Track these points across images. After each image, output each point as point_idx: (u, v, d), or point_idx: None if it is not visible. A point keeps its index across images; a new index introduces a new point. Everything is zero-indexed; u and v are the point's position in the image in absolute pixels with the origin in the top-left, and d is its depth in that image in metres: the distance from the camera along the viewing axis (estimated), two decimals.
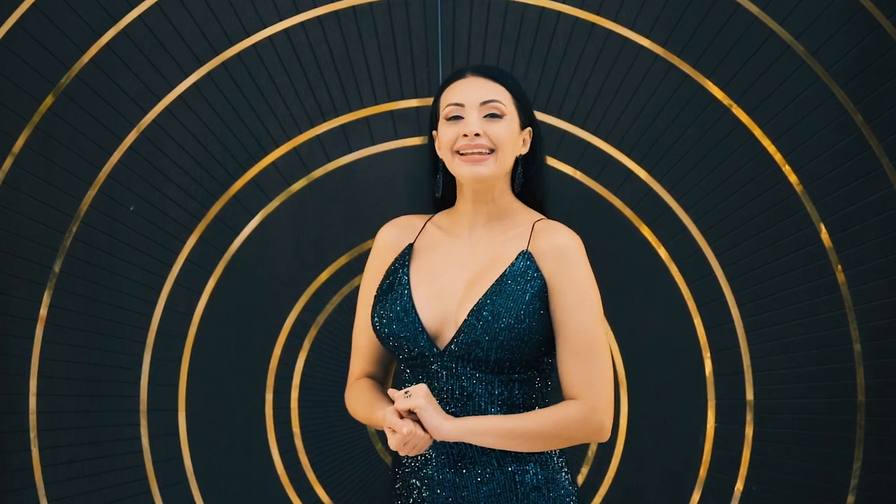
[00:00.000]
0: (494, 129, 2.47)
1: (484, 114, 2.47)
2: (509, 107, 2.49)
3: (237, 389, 3.25)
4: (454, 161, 2.48)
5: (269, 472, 3.27)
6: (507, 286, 2.45)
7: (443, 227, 2.57)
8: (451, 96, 2.50)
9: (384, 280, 2.54)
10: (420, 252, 2.55)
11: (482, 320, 2.43)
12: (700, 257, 3.24)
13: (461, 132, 2.46)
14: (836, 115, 3.20)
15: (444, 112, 2.49)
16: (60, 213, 3.24)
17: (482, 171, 2.47)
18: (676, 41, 3.21)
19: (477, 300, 2.45)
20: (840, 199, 3.21)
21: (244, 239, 3.26)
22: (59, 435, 3.25)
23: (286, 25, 3.23)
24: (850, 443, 3.22)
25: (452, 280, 2.50)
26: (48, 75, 3.22)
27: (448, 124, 2.49)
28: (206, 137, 3.24)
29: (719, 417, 3.24)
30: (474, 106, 2.47)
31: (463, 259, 2.52)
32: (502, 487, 2.45)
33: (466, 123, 2.46)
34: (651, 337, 3.24)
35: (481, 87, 2.49)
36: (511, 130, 2.49)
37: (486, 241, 2.53)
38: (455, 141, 2.47)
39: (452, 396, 2.46)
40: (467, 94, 2.48)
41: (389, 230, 2.60)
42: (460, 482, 2.46)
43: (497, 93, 2.49)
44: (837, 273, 3.22)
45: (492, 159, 2.47)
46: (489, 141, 2.46)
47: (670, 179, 3.24)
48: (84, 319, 3.24)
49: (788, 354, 3.23)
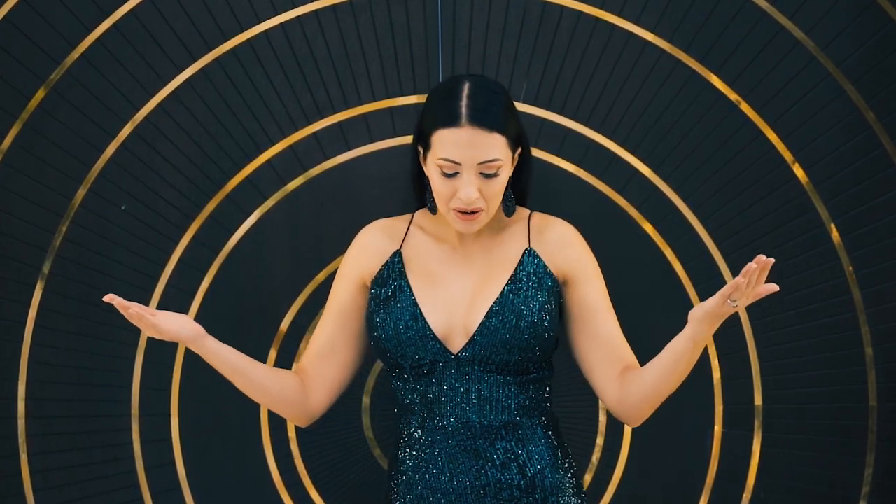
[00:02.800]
0: (489, 188, 2.46)
1: (480, 171, 2.44)
2: (505, 156, 2.47)
3: (231, 393, 3.11)
4: (449, 214, 2.48)
5: (265, 477, 3.26)
6: (521, 284, 2.48)
7: (428, 229, 2.58)
8: (447, 149, 2.45)
9: (379, 288, 2.54)
10: (413, 259, 2.56)
11: (504, 321, 2.45)
12: (707, 258, 3.24)
13: (457, 194, 2.45)
14: (847, 112, 3.19)
15: (438, 162, 2.46)
16: (50, 213, 3.23)
17: (474, 228, 2.49)
18: (683, 36, 3.20)
19: (493, 301, 2.47)
20: (851, 198, 3.21)
21: (239, 239, 3.26)
22: (48, 440, 3.24)
23: (282, 20, 3.22)
24: (861, 449, 3.22)
25: (456, 285, 2.52)
26: (37, 71, 3.21)
27: (443, 178, 2.46)
28: (200, 135, 3.24)
29: (726, 423, 3.24)
30: (471, 166, 2.44)
31: (461, 264, 2.54)
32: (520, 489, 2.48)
33: (463, 186, 2.44)
34: (657, 340, 3.08)
35: (479, 145, 2.44)
36: (504, 180, 2.49)
37: (479, 243, 2.55)
38: (450, 198, 2.46)
39: (469, 401, 2.48)
40: (464, 153, 2.44)
41: (371, 233, 2.62)
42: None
43: (495, 149, 2.45)
44: (848, 274, 3.22)
45: (483, 215, 2.48)
46: (483, 200, 2.46)
47: (676, 178, 3.23)
48: (74, 322, 3.24)
49: (798, 358, 3.23)
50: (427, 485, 2.50)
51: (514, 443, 2.50)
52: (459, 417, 2.50)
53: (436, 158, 2.46)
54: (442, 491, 2.48)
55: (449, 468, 2.48)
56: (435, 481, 2.49)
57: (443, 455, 2.49)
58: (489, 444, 2.49)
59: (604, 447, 3.23)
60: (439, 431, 2.51)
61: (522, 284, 2.48)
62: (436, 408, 2.52)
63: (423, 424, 2.53)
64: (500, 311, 2.46)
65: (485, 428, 2.49)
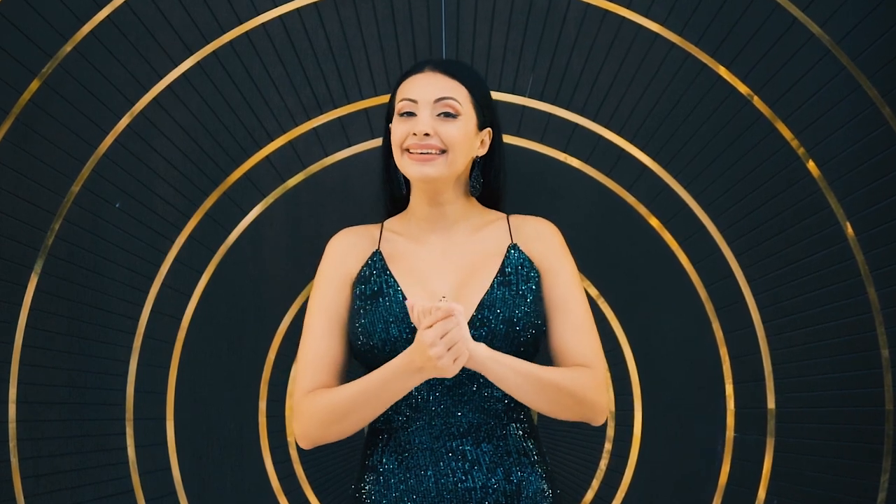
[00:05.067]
0: (446, 129, 2.49)
1: (437, 112, 2.49)
2: (466, 106, 2.51)
3: (229, 397, 3.25)
4: (402, 158, 2.51)
5: (263, 484, 3.26)
6: (510, 278, 2.51)
7: (401, 232, 2.61)
8: (406, 91, 2.52)
9: (364, 286, 2.54)
10: (394, 258, 2.57)
11: (496, 314, 2.47)
12: (718, 257, 3.23)
13: (411, 130, 2.49)
14: (862, 106, 3.18)
15: (398, 107, 2.52)
16: (42, 211, 3.23)
17: (430, 171, 2.49)
18: (694, 29, 3.19)
19: (482, 296, 2.48)
20: (867, 195, 3.19)
21: (237, 237, 3.26)
22: (40, 445, 3.23)
23: (281, 12, 3.22)
24: (877, 454, 3.20)
25: (440, 282, 2.54)
26: (29, 65, 3.20)
27: (400, 120, 2.52)
28: (197, 130, 3.23)
29: (739, 427, 3.23)
30: (428, 103, 2.49)
31: (442, 262, 2.56)
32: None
33: (417, 121, 2.49)
34: (666, 342, 3.24)
35: (437, 84, 2.51)
36: (465, 131, 2.51)
37: (457, 242, 2.57)
38: (405, 138, 2.50)
39: (462, 396, 2.48)
40: (421, 91, 2.50)
41: (345, 237, 2.64)
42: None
43: (453, 90, 2.51)
44: (864, 274, 3.20)
45: (441, 160, 2.49)
46: (440, 141, 2.48)
47: (687, 175, 3.22)
48: (67, 323, 3.23)
49: (812, 360, 3.21)
50: (409, 487, 2.48)
51: (501, 446, 2.49)
52: (446, 417, 2.48)
53: (396, 105, 2.52)
54: (423, 493, 2.47)
55: (435, 470, 2.47)
56: (416, 483, 2.47)
57: (425, 455, 2.47)
58: (475, 446, 2.48)
59: (612, 453, 3.21)
60: (425, 432, 2.49)
61: (511, 278, 2.51)
62: (422, 407, 2.50)
63: (405, 425, 2.51)
64: (492, 304, 2.48)
65: (474, 427, 2.48)
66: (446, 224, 2.57)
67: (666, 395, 3.23)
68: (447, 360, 2.29)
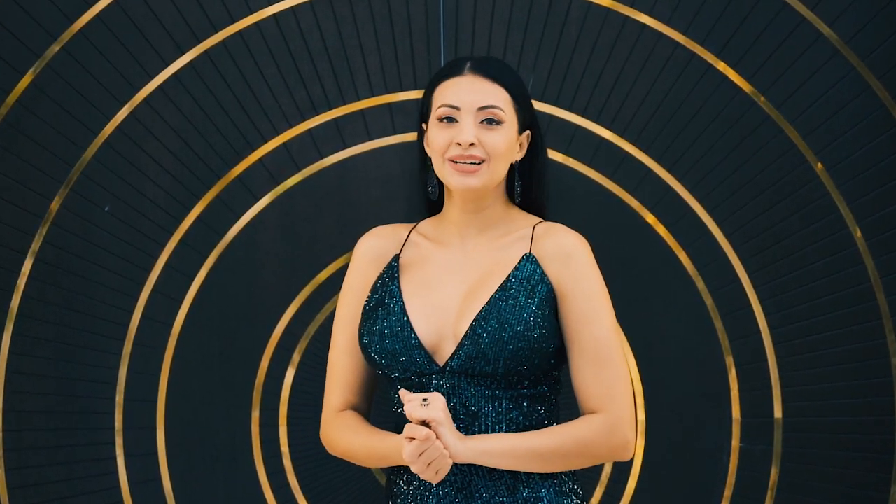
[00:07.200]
0: (491, 138, 2.44)
1: (480, 119, 2.44)
2: (508, 112, 2.46)
3: (221, 405, 3.26)
4: (444, 167, 2.45)
5: (256, 494, 3.26)
6: (512, 292, 2.42)
7: (429, 236, 2.55)
8: (446, 96, 2.46)
9: (371, 295, 2.50)
10: (409, 264, 2.52)
11: (488, 329, 2.39)
12: (724, 263, 3.23)
13: (454, 139, 2.43)
14: (872, 108, 3.19)
15: (437, 112, 2.46)
16: (29, 214, 3.23)
17: (473, 182, 2.44)
18: (699, 28, 3.20)
19: (480, 308, 2.41)
20: (877, 199, 3.20)
21: (229, 242, 3.26)
22: (27, 455, 3.24)
23: (275, 11, 3.23)
24: (887, 465, 3.20)
25: (448, 292, 2.47)
26: (16, 65, 3.22)
27: (440, 126, 2.46)
28: (188, 132, 3.24)
29: (744, 437, 3.23)
30: (471, 111, 2.44)
31: (458, 269, 2.50)
32: None
33: (461, 130, 2.43)
34: (671, 349, 3.24)
35: (480, 90, 2.45)
36: (508, 138, 2.46)
37: (481, 248, 2.50)
38: (447, 147, 2.44)
39: (457, 417, 2.41)
40: (464, 97, 2.45)
41: (370, 240, 2.58)
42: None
43: (497, 97, 2.45)
44: (873, 280, 3.20)
45: (484, 169, 2.44)
46: (483, 151, 2.43)
47: (692, 178, 3.23)
48: (54, 329, 3.24)
49: (820, 368, 3.22)
50: None
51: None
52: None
53: (435, 110, 2.47)
54: None
55: (447, 491, 2.40)
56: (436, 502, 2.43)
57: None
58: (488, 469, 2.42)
59: (614, 463, 3.20)
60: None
61: (513, 291, 2.42)
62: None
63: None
64: (485, 318, 2.40)
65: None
66: (477, 230, 2.51)
67: (670, 403, 3.24)
68: (429, 474, 2.30)
